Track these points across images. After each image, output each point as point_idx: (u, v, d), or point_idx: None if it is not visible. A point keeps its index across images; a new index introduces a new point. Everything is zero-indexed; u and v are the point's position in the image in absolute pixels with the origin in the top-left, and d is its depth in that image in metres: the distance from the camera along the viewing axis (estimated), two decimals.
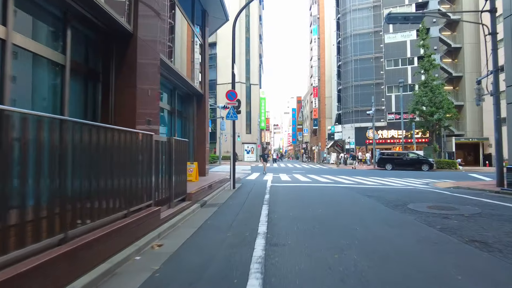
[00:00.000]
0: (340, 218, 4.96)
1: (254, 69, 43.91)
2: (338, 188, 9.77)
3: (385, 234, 3.93)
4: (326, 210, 5.62)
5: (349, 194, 8.11)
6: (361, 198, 7.23)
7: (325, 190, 9.24)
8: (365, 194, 7.89)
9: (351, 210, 5.67)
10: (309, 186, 10.22)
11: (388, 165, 25.63)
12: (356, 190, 8.95)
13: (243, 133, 42.13)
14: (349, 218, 4.90)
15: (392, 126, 34.15)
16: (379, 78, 34.91)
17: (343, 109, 36.66)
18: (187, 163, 8.66)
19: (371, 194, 8.01)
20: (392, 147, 33.88)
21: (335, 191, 8.88)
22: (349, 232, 4.01)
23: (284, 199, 7.23)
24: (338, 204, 6.50)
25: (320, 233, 3.98)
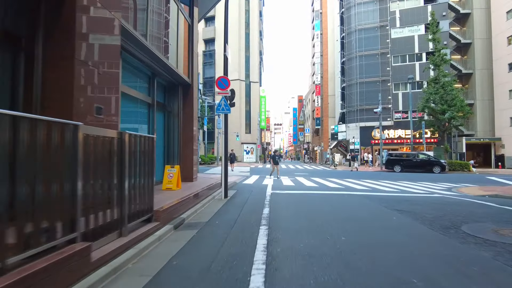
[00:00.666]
0: (379, 255, 3.25)
1: (254, 66, 42.25)
2: (353, 197, 8.07)
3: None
4: (352, 237, 3.91)
5: (372, 207, 6.40)
6: (391, 214, 5.52)
7: (339, 200, 7.54)
8: (393, 207, 6.18)
9: (388, 238, 3.96)
10: (318, 195, 8.51)
11: (397, 167, 23.95)
12: (377, 200, 7.24)
13: (242, 133, 40.45)
14: (393, 257, 3.20)
15: (399, 126, 32.44)
16: (385, 75, 33.21)
17: (347, 108, 34.96)
18: (167, 167, 6.97)
19: (399, 207, 6.30)
20: (399, 147, 32.17)
21: (352, 202, 7.18)
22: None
23: (288, 215, 5.53)
24: (364, 224, 4.79)
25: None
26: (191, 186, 7.50)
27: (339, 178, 15.80)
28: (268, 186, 10.57)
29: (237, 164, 34.07)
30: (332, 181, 13.64)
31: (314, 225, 4.66)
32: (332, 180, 14.28)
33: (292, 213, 5.63)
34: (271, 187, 10.44)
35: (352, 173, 21.67)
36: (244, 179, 14.56)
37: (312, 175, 18.27)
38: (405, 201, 7.11)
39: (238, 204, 6.61)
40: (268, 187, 10.40)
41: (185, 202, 5.62)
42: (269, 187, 10.41)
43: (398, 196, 8.35)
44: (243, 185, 11.32)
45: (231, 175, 17.34)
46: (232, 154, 21.86)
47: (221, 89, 7.40)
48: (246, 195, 8.23)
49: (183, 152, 8.73)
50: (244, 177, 15.59)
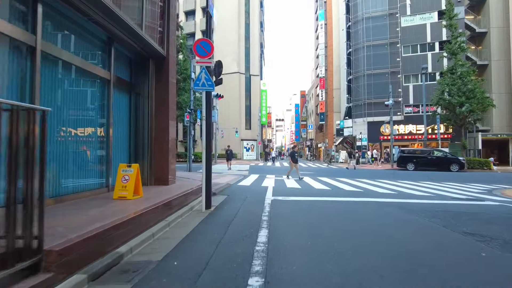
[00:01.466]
0: None
1: (254, 58, 40.03)
2: (383, 206, 5.96)
3: None
4: None
5: (426, 229, 4.26)
6: (470, 245, 3.41)
7: (368, 213, 5.42)
8: (459, 229, 4.07)
9: None
10: (334, 203, 6.40)
11: (410, 165, 21.85)
12: (419, 213, 5.13)
13: (242, 129, 38.31)
14: None
15: (409, 121, 30.23)
16: (395, 66, 30.96)
17: (354, 102, 32.76)
18: (121, 166, 4.88)
19: (466, 226, 4.19)
20: (409, 144, 29.99)
21: (387, 217, 5.05)
22: None
23: (300, 245, 3.43)
24: (444, 274, 2.68)
25: None
26: (159, 193, 5.41)
27: (350, 177, 13.69)
28: (268, 189, 8.48)
29: (236, 162, 32.02)
30: (344, 181, 11.53)
31: (345, 270, 2.56)
32: (343, 180, 12.18)
33: (306, 241, 3.52)
34: (272, 190, 8.35)
35: (362, 172, 19.53)
36: (241, 179, 12.49)
37: (318, 174, 16.18)
38: (464, 215, 5.00)
39: (222, 221, 4.52)
40: (268, 190, 8.31)
41: (134, 221, 3.54)
42: (270, 190, 8.32)
43: (442, 204, 6.24)
44: (238, 188, 9.24)
45: (227, 174, 15.28)
46: (229, 150, 19.69)
47: (201, 56, 5.30)
48: (238, 203, 6.14)
49: (156, 146, 6.64)
50: (241, 177, 13.52)
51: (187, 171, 17.81)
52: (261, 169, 20.83)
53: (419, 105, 30.20)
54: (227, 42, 38.74)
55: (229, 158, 19.52)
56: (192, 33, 40.41)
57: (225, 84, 35.34)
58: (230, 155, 19.68)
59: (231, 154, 19.85)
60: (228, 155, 19.57)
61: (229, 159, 19.54)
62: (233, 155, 22.62)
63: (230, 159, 19.63)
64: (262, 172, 17.92)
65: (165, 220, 4.30)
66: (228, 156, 19.55)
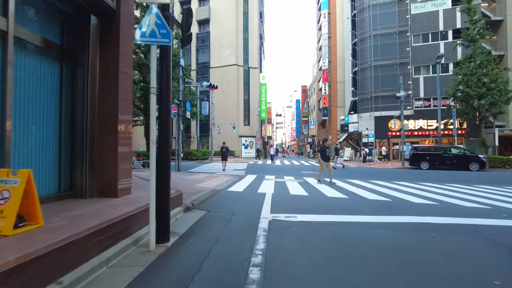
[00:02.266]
0: None
1: (253, 50, 37.80)
2: (454, 239, 3.86)
3: None
4: None
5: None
6: None
7: (446, 259, 3.34)
8: None
9: None
10: (367, 228, 4.21)
11: (424, 163, 19.79)
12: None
13: (240, 125, 36.20)
14: None
15: (420, 115, 28.07)
16: (405, 56, 28.73)
17: (360, 95, 30.58)
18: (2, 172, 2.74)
19: None
20: (420, 140, 27.85)
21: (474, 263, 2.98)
22: None
23: None
24: None
25: None
26: (84, 217, 3.31)
27: (363, 179, 11.60)
28: (266, 199, 6.37)
29: (234, 160, 29.98)
30: (359, 185, 9.43)
31: None
32: (356, 183, 10.08)
33: None
34: (271, 200, 6.25)
35: (373, 171, 17.43)
36: (234, 182, 10.42)
37: (324, 174, 14.11)
38: None
39: (174, 280, 2.42)
40: (266, 201, 6.21)
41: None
42: (267, 201, 6.23)
43: None
44: (227, 196, 7.14)
45: (219, 175, 13.18)
46: (224, 148, 17.21)
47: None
48: (217, 229, 4.02)
49: (99, 141, 4.54)
50: (234, 179, 11.45)
51: (175, 170, 15.78)
52: (260, 169, 18.75)
53: (430, 99, 28.05)
54: (225, 33, 36.56)
55: (224, 157, 16.95)
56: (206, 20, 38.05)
57: (222, 77, 33.16)
58: (226, 153, 17.09)
59: (227, 151, 17.28)
60: (223, 153, 17.02)
61: (225, 158, 16.98)
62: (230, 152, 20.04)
63: (226, 158, 17.05)
64: (260, 172, 15.85)
65: (58, 283, 2.21)
66: (223, 154, 17.01)
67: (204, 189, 7.58)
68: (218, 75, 36.65)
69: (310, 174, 14.32)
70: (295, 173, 15.46)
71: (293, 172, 15.81)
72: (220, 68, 36.59)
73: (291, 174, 14.35)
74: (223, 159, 16.97)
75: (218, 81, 36.37)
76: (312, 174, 14.34)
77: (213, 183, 9.70)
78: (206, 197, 6.44)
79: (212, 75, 37.21)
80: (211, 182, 9.80)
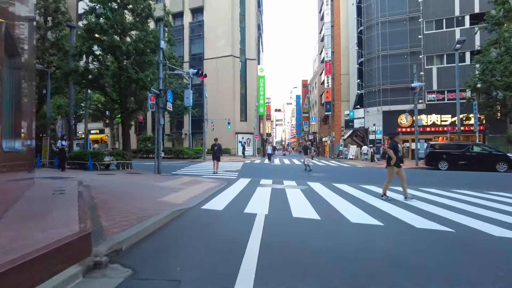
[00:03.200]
0: None
1: (250, 40, 35.18)
2: None
3: None
4: None
5: None
6: None
7: None
8: None
9: None
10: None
11: (442, 163, 17.36)
12: None
13: (237, 120, 33.64)
14: None
15: (433, 110, 25.57)
16: (416, 45, 26.17)
17: (367, 88, 28.06)
18: None
19: None
20: (433, 137, 25.40)
21: None
22: None
23: None
24: None
25: None
26: None
27: (378, 184, 9.13)
28: (253, 236, 3.82)
29: (229, 159, 27.52)
30: (384, 195, 6.94)
31: None
32: (379, 191, 7.59)
33: None
34: (261, 236, 3.75)
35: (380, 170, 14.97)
36: (219, 190, 7.94)
37: (332, 177, 11.63)
38: None
39: None
40: (253, 236, 3.71)
41: None
42: (255, 236, 3.73)
43: None
44: (191, 225, 4.57)
45: (203, 180, 10.59)
46: (216, 145, 13.86)
47: None
48: None
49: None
50: (221, 185, 8.99)
51: (155, 172, 13.31)
52: (256, 170, 16.30)
53: (444, 91, 25.57)
54: (220, 22, 33.92)
55: (216, 157, 13.75)
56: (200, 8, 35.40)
57: (217, 69, 30.35)
58: (218, 151, 13.87)
59: (220, 150, 14.15)
60: (214, 152, 13.80)
61: (217, 158, 13.77)
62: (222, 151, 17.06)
63: (218, 158, 13.87)
64: (256, 174, 13.39)
65: None
66: (214, 153, 13.81)
67: (167, 207, 5.11)
68: (212, 67, 34.06)
69: (315, 178, 11.85)
70: (296, 175, 12.99)
71: (295, 174, 13.34)
72: (214, 59, 33.99)
73: (292, 177, 11.88)
74: (215, 159, 13.88)
75: (212, 74, 33.81)
76: (317, 178, 11.85)
77: (189, 193, 7.23)
78: (154, 229, 3.95)
79: (206, 67, 34.56)
80: (187, 192, 7.33)
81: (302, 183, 10.03)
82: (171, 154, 27.84)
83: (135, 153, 30.12)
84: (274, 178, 11.89)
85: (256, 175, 13.24)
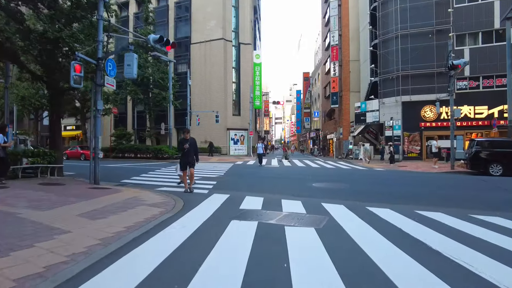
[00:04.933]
0: None
1: (245, 23, 30.58)
2: None
3: None
4: None
5: None
6: None
7: None
8: None
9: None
10: None
11: (495, 167, 13.04)
12: None
13: (229, 115, 29.10)
14: None
15: (464, 100, 21.05)
16: (443, 22, 21.63)
17: (382, 75, 23.50)
18: None
19: None
20: (464, 133, 20.90)
21: None
22: None
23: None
24: None
25: None
26: None
27: (436, 204, 4.59)
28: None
29: (218, 159, 22.99)
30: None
31: None
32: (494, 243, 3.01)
33: None
34: None
35: (431, 183, 10.51)
36: (150, 231, 3.29)
37: (356, 191, 7.05)
38: None
39: None
40: None
41: None
42: None
43: None
44: None
45: (149, 200, 5.65)
46: (186, 142, 7.40)
47: None
48: None
49: None
50: (164, 214, 4.41)
51: (90, 181, 8.82)
52: (245, 176, 11.78)
53: (478, 77, 21.05)
54: (210, 0, 29.29)
55: (187, 161, 7.45)
56: None
57: (205, 55, 24.76)
58: (190, 153, 7.45)
59: (193, 150, 7.55)
60: (184, 153, 7.47)
61: (189, 162, 7.45)
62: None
63: (191, 162, 7.50)
64: (241, 184, 8.87)
65: None
66: (184, 156, 7.51)
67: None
68: (200, 52, 29.50)
69: (331, 192, 7.28)
70: (301, 186, 8.43)
71: (299, 185, 8.78)
72: (203, 43, 29.38)
73: (295, 191, 7.33)
74: (184, 166, 7.55)
75: (200, 60, 29.23)
76: (334, 192, 7.28)
77: (69, 246, 2.66)
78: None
79: (193, 52, 30.00)
80: (69, 242, 2.76)
81: (314, 207, 5.53)
82: (149, 153, 23.32)
83: (108, 152, 25.63)
84: (268, 192, 7.39)
85: (241, 186, 8.74)
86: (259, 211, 5.29)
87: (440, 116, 21.35)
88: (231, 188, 8.23)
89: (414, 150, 22.13)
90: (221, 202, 6.17)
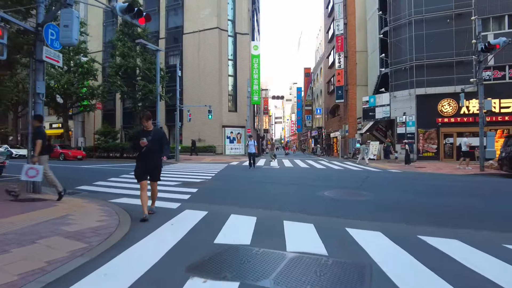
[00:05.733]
0: None
1: (241, 11, 28.26)
2: None
3: None
4: None
5: None
6: None
7: None
8: None
9: None
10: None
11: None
12: None
13: (224, 111, 26.78)
14: None
15: (489, 92, 18.60)
16: (464, 4, 19.33)
17: (394, 66, 21.17)
18: None
19: None
20: (488, 128, 18.50)
21: None
22: None
23: None
24: None
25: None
26: None
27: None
28: None
29: (211, 159, 20.71)
30: None
31: None
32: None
33: None
34: None
35: (483, 197, 8.17)
36: None
37: (390, 206, 4.66)
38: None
39: None
40: None
41: None
42: None
43: None
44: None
45: (62, 229, 3.60)
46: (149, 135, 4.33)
47: None
48: None
49: None
50: (89, 254, 2.00)
51: (27, 190, 6.45)
52: (236, 181, 9.43)
53: (504, 67, 18.77)
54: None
55: (145, 168, 4.44)
56: None
57: (199, 45, 20.24)
58: (147, 159, 4.41)
59: (155, 157, 4.44)
60: (142, 156, 4.38)
61: (147, 173, 4.48)
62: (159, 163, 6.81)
63: (155, 175, 4.57)
64: (227, 194, 6.48)
65: None
66: (141, 160, 4.42)
67: None
68: (193, 42, 27.19)
69: (353, 207, 4.92)
70: (311, 197, 6.07)
71: (307, 196, 6.37)
72: (196, 33, 27.05)
73: (302, 207, 4.91)
74: (142, 174, 4.44)
75: (193, 51, 26.91)
76: (357, 207, 4.93)
77: None
78: None
79: (186, 43, 27.65)
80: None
81: (336, 238, 3.25)
82: None
83: (92, 151, 23.34)
84: (264, 206, 5.10)
85: (229, 196, 6.43)
86: (245, 250, 2.98)
87: (460, 111, 19.03)
88: (213, 200, 5.92)
89: (430, 149, 19.81)
90: (189, 228, 3.88)
